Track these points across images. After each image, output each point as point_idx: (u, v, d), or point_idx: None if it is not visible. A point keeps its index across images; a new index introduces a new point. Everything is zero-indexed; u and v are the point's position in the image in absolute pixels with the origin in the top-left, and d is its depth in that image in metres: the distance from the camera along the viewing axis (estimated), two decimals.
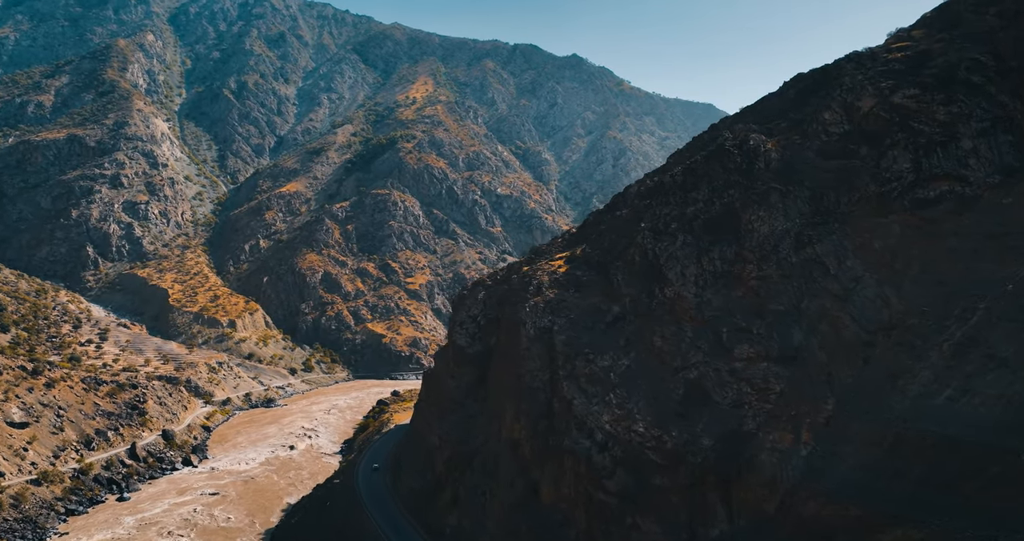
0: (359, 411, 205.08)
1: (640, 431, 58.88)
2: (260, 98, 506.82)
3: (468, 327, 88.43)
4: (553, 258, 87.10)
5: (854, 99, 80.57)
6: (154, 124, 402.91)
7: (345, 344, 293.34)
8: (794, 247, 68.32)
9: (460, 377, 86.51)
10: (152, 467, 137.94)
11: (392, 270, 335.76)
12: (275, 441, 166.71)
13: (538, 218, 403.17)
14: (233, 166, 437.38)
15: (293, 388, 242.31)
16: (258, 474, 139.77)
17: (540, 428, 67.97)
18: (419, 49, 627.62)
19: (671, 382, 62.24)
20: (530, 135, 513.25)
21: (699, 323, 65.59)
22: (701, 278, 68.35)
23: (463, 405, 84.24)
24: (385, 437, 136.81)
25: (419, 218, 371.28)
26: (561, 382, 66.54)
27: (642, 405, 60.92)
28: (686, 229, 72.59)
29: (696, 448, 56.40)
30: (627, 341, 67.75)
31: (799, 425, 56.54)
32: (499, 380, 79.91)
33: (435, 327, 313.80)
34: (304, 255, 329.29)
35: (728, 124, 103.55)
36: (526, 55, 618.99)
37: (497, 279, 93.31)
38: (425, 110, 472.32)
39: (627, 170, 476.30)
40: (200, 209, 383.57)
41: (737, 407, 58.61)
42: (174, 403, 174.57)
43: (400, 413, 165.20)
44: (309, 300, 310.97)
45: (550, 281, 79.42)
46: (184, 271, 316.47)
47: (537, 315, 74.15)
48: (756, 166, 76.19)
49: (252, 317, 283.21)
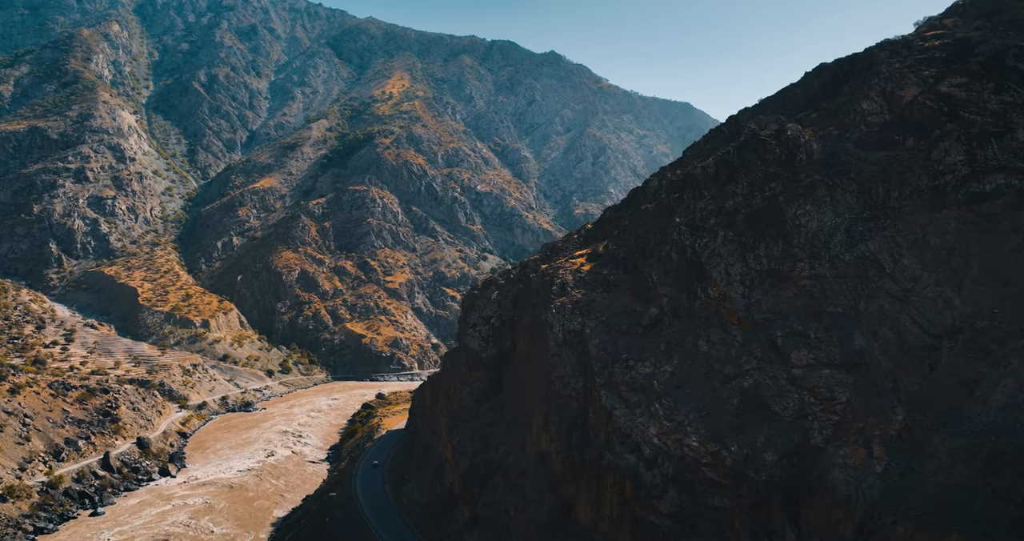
0: (343, 414, 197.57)
1: (693, 445, 53.50)
2: (231, 92, 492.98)
3: (481, 329, 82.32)
4: (572, 256, 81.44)
5: (895, 88, 76.30)
6: (121, 117, 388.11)
7: (323, 345, 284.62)
8: (846, 244, 63.60)
9: (473, 383, 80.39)
10: (127, 478, 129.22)
11: (371, 268, 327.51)
12: (257, 447, 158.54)
13: (518, 216, 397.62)
14: (204, 161, 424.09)
15: (271, 391, 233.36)
16: (241, 484, 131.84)
17: (574, 440, 62.32)
18: (394, 44, 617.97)
19: (723, 391, 56.99)
20: (508, 132, 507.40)
21: (748, 326, 60.47)
22: (747, 277, 63.27)
23: (478, 413, 78.16)
24: (379, 444, 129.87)
25: (398, 215, 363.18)
26: (597, 390, 60.91)
27: (693, 417, 55.55)
28: (726, 224, 67.45)
29: (759, 464, 51.17)
30: (668, 346, 62.38)
31: (869, 438, 51.68)
32: (520, 387, 74.07)
33: (416, 327, 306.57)
34: (280, 253, 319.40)
35: (749, 115, 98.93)
36: (504, 51, 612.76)
37: (511, 278, 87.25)
38: (402, 105, 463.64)
39: (607, 168, 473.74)
40: (170, 205, 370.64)
41: (800, 418, 53.54)
42: (148, 408, 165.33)
43: (389, 417, 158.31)
44: (285, 299, 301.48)
45: (575, 280, 73.72)
46: (154, 269, 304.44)
47: (565, 317, 68.41)
48: (797, 158, 71.42)
49: (226, 317, 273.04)
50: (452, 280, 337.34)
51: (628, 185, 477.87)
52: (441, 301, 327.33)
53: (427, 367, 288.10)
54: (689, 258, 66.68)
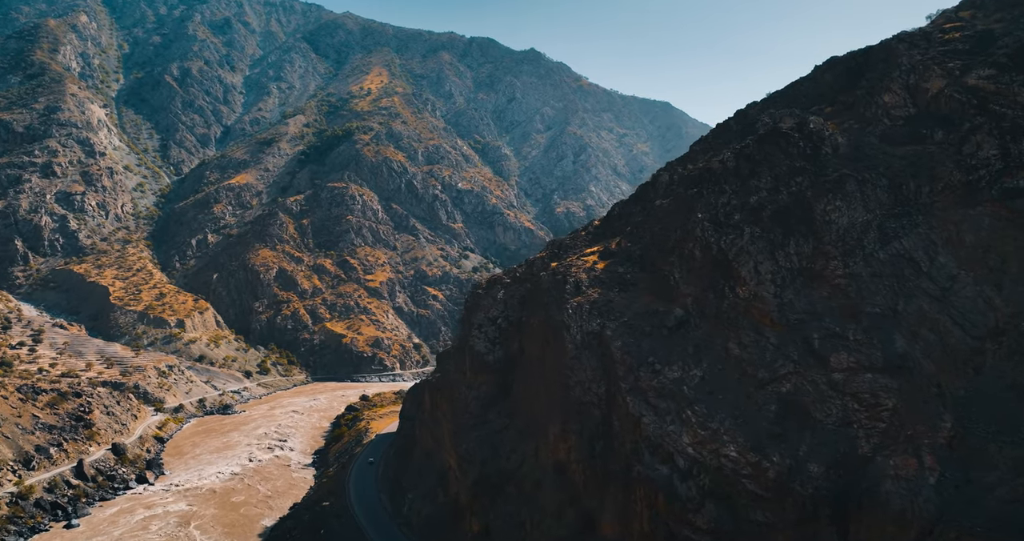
0: (326, 416, 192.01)
1: (732, 456, 50.11)
2: (205, 86, 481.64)
3: (487, 330, 78.28)
4: (583, 253, 77.82)
5: (919, 80, 73.74)
6: (90, 110, 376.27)
7: (302, 345, 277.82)
8: (879, 241, 60.75)
9: (479, 387, 76.37)
10: (103, 487, 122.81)
11: (351, 267, 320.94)
12: (238, 452, 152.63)
13: (500, 214, 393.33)
14: (177, 156, 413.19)
15: (249, 392, 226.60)
16: (224, 491, 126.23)
17: (597, 449, 58.68)
18: (372, 39, 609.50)
19: (759, 397, 53.70)
20: (489, 129, 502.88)
21: (782, 327, 57.31)
22: (778, 276, 60.13)
23: (485, 419, 74.18)
24: (369, 449, 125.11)
25: (378, 213, 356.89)
26: (622, 396, 57.30)
27: (729, 424, 52.18)
28: (752, 220, 64.28)
29: (804, 476, 47.93)
30: (696, 348, 58.98)
31: (919, 447, 48.73)
32: (530, 391, 70.24)
33: (397, 326, 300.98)
34: (257, 251, 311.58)
35: (758, 109, 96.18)
36: (483, 48, 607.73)
37: (517, 277, 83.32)
38: (381, 102, 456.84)
39: (587, 167, 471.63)
40: (142, 201, 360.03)
41: (844, 426, 50.45)
42: (123, 412, 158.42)
43: (377, 421, 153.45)
44: (263, 298, 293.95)
45: (589, 279, 70.07)
46: (126, 267, 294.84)
47: (582, 318, 64.73)
48: (822, 151, 68.49)
49: (202, 316, 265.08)
50: (433, 279, 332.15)
51: (609, 184, 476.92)
52: (423, 300, 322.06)
53: (409, 367, 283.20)
54: (714, 256, 63.38)
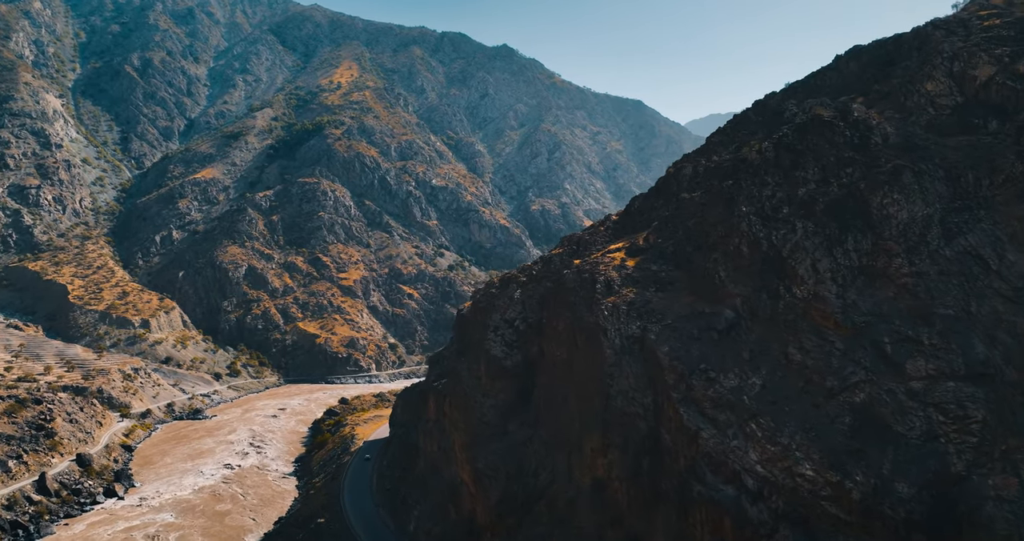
0: (303, 421, 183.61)
1: (808, 474, 44.94)
2: (167, 77, 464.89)
3: (504, 333, 72.15)
4: (607, 250, 72.23)
5: (965, 67, 69.58)
6: (45, 100, 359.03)
7: (274, 345, 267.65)
8: (943, 237, 56.27)
9: (496, 394, 70.27)
10: (67, 502, 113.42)
11: (323, 265, 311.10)
12: (213, 461, 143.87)
13: (475, 211, 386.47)
14: (138, 150, 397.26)
15: (220, 396, 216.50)
16: (201, 504, 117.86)
17: (643, 466, 53.11)
18: (341, 33, 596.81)
19: (829, 408, 48.65)
20: (462, 126, 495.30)
21: (847, 330, 52.41)
22: (838, 274, 55.26)
23: (505, 430, 68.16)
24: (360, 458, 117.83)
25: (350, 209, 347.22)
26: (673, 407, 51.82)
27: (800, 439, 47.01)
28: (803, 214, 59.38)
29: (893, 498, 42.93)
30: (752, 354, 53.79)
31: (1016, 464, 44.16)
32: (557, 399, 64.40)
33: (372, 326, 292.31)
34: (225, 248, 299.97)
35: (779, 99, 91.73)
36: (455, 43, 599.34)
37: (533, 275, 77.27)
38: (352, 96, 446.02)
39: (562, 164, 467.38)
40: (101, 196, 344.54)
41: (930, 441, 45.63)
42: (87, 419, 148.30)
43: (362, 426, 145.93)
44: (232, 297, 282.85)
45: (621, 278, 64.48)
46: (85, 264, 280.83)
47: (620, 320, 59.11)
48: (871, 141, 63.87)
49: (168, 316, 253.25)
50: (408, 277, 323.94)
51: (584, 182, 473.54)
52: (398, 299, 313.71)
53: (385, 368, 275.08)
54: (764, 252, 58.32)
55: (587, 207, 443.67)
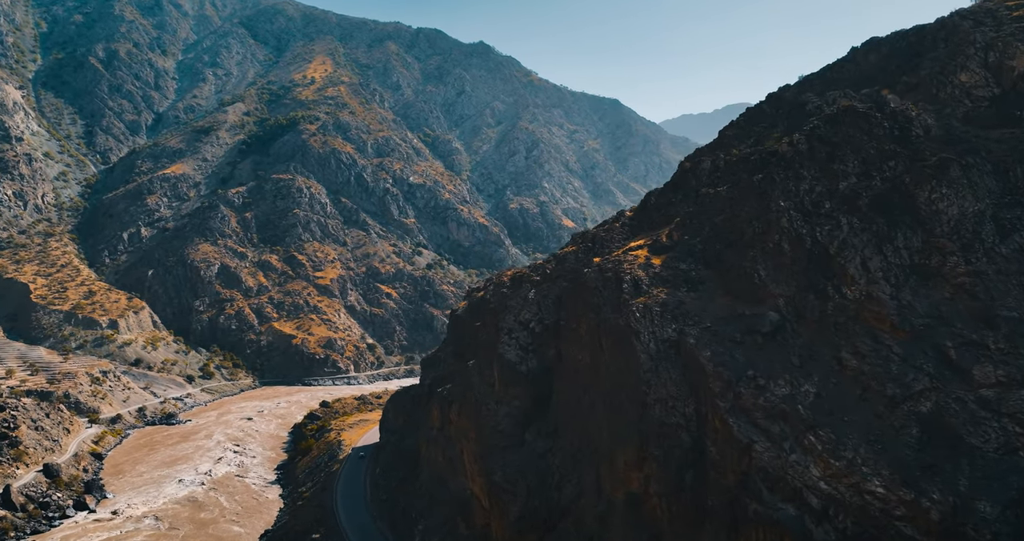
0: (282, 425, 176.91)
1: (878, 492, 41.19)
2: (134, 70, 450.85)
3: (518, 336, 67.55)
4: (627, 247, 68.08)
5: (1002, 58, 66.71)
6: (4, 91, 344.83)
7: (248, 346, 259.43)
8: (997, 234, 53.08)
9: (511, 401, 65.65)
10: (34, 517, 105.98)
11: (299, 263, 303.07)
12: (189, 469, 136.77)
13: (453, 209, 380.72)
14: (104, 144, 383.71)
15: (193, 399, 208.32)
16: (179, 516, 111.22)
17: (686, 481, 49.01)
18: (314, 27, 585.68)
19: (893, 418, 44.98)
20: (438, 123, 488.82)
21: (905, 334, 48.85)
22: (890, 273, 51.73)
23: (521, 440, 63.60)
24: (350, 466, 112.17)
25: (326, 206, 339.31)
26: (721, 417, 47.78)
27: (865, 452, 43.26)
28: (847, 209, 55.84)
29: (976, 518, 39.33)
30: (802, 359, 49.99)
31: None
32: (580, 407, 60.02)
33: (350, 326, 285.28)
34: (196, 245, 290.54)
35: (796, 92, 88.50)
36: (431, 40, 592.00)
37: (547, 274, 72.74)
38: (327, 91, 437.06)
39: (540, 162, 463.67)
40: (65, 191, 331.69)
41: (1009, 454, 42.15)
42: (53, 426, 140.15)
43: (348, 431, 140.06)
44: (204, 296, 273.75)
45: (649, 277, 60.35)
46: (48, 262, 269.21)
47: (653, 322, 54.96)
48: (912, 133, 60.61)
49: (137, 316, 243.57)
50: (387, 276, 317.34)
51: (562, 181, 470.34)
52: (375, 298, 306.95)
53: (364, 369, 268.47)
54: (808, 249, 54.59)
55: (565, 206, 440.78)
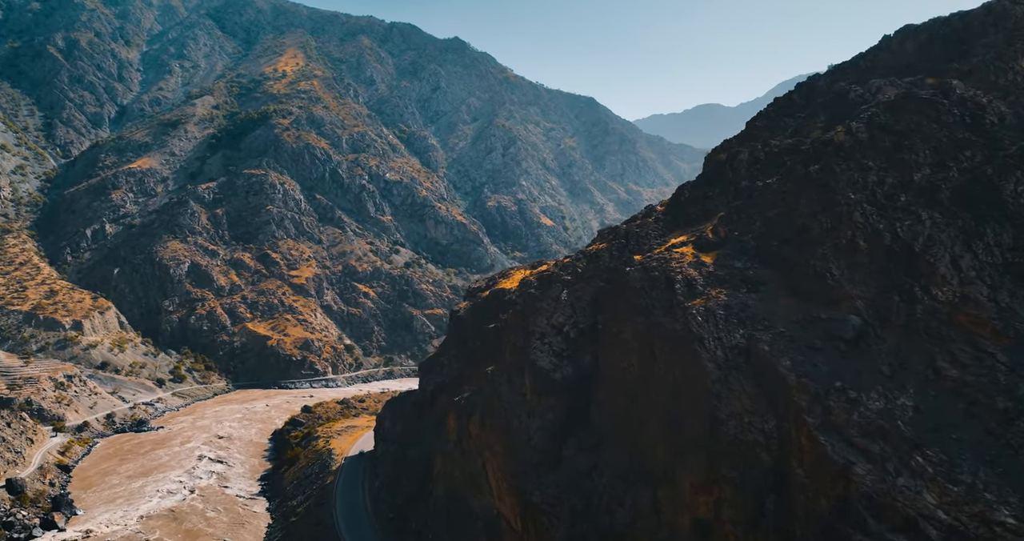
0: (262, 430, 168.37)
1: (1009, 523, 36.15)
2: (96, 60, 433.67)
3: (552, 341, 61.49)
4: (669, 244, 62.53)
5: None
6: None
7: (221, 348, 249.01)
8: None
9: (544, 413, 59.62)
10: None
11: (273, 261, 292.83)
12: (165, 480, 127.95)
13: (431, 207, 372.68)
14: (64, 137, 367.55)
15: (165, 404, 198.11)
16: (159, 533, 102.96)
17: (767, 507, 43.57)
18: (284, 20, 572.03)
19: (1010, 436, 40.04)
20: (414, 119, 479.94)
21: (1008, 340, 44.00)
22: (983, 273, 46.92)
23: (558, 456, 57.62)
24: (346, 478, 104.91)
25: (300, 203, 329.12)
26: (810, 435, 42.41)
27: (985, 476, 38.23)
28: (926, 203, 51.01)
29: None
30: (892, 368, 44.83)
31: None
32: (628, 420, 54.30)
33: (327, 327, 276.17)
34: (165, 243, 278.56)
35: (829, 81, 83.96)
36: (404, 34, 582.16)
37: (579, 273, 66.83)
38: (300, 85, 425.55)
39: (518, 160, 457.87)
40: (23, 186, 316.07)
41: None
42: (15, 436, 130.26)
43: (336, 439, 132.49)
44: (174, 296, 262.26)
45: (704, 277, 54.89)
46: (6, 260, 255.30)
47: (718, 327, 49.48)
48: (986, 121, 56.03)
49: (103, 317, 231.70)
50: (364, 275, 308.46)
51: (540, 179, 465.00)
52: (353, 298, 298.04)
53: (342, 371, 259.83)
54: (888, 246, 49.56)
55: (544, 204, 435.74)
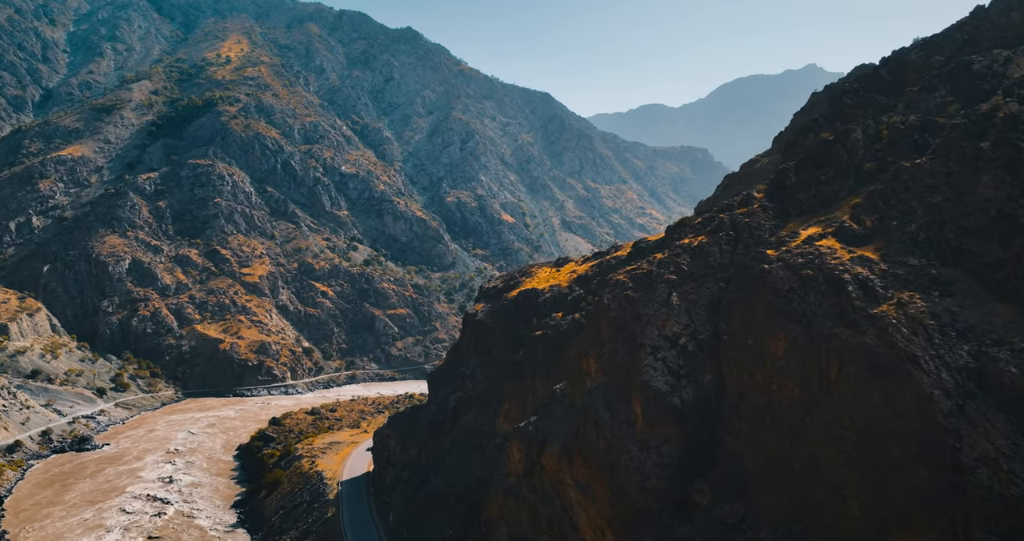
0: (226, 446, 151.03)
1: None
2: (17, 39, 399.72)
3: (666, 356, 49.02)
4: (806, 236, 51.15)
5: None
6: None
7: (168, 352, 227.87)
8: None
9: (660, 447, 47.47)
10: None
11: (222, 258, 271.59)
12: (121, 510, 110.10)
13: (389, 202, 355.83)
14: None
15: (108, 417, 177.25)
16: None
17: None
18: (226, 3, 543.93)
19: None
20: (367, 110, 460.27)
21: None
22: None
23: (682, 503, 45.38)
24: (351, 510, 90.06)
25: (251, 196, 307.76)
26: None
27: None
28: None
29: None
30: None
31: None
32: (789, 462, 42.65)
33: (284, 328, 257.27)
34: (102, 237, 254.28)
35: (923, 55, 74.57)
36: (355, 23, 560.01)
37: (684, 270, 54.55)
38: (246, 71, 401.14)
39: (476, 154, 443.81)
40: None
41: None
42: None
43: (322, 458, 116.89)
44: (113, 295, 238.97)
45: (878, 276, 43.72)
46: None
47: (932, 342, 38.26)
48: None
49: (32, 319, 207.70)
50: (321, 273, 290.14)
51: (499, 174, 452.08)
52: (310, 297, 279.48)
53: (301, 376, 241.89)
54: None
55: (503, 200, 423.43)
